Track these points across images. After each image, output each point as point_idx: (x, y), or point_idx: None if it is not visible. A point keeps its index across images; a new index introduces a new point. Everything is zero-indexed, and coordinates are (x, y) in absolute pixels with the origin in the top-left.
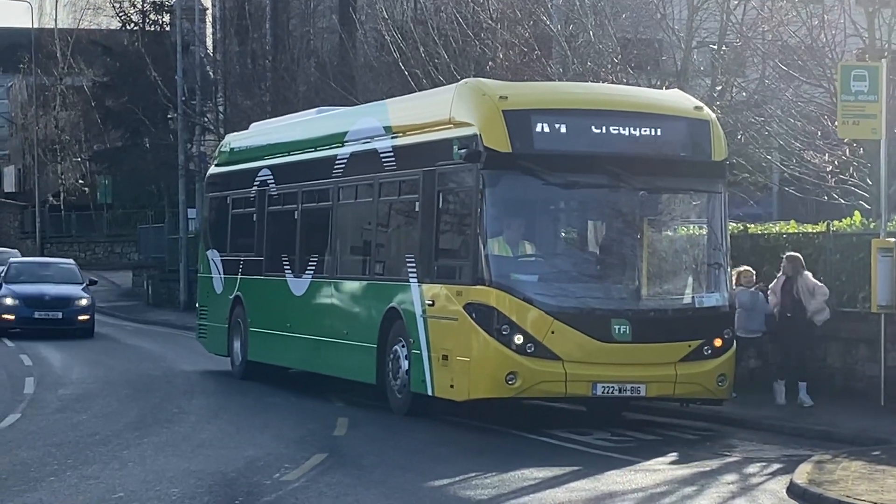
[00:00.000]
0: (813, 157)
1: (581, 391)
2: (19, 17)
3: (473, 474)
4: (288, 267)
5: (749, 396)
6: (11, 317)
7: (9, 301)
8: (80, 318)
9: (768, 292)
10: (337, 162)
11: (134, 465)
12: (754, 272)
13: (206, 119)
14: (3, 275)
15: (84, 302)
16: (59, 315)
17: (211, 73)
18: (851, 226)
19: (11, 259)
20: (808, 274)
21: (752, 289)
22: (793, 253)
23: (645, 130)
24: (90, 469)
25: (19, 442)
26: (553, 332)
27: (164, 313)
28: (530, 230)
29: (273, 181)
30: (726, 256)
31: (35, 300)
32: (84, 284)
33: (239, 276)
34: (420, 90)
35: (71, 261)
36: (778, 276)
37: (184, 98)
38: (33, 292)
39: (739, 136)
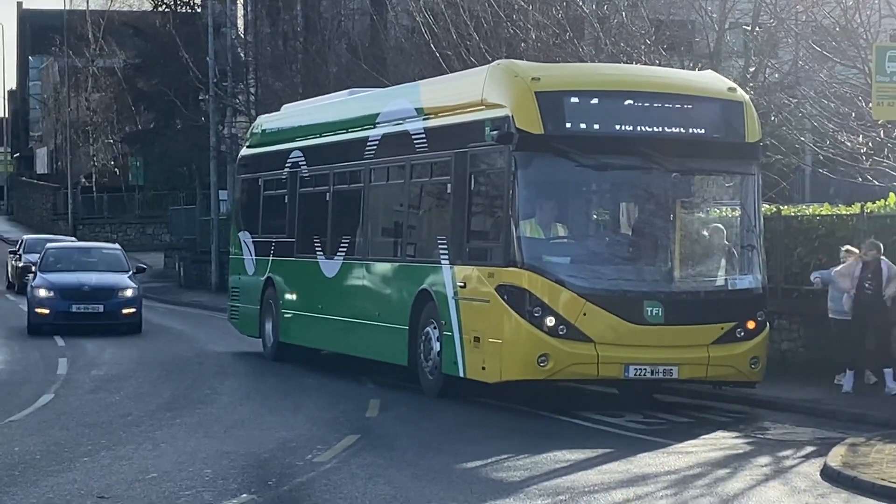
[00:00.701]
0: (847, 139)
1: (613, 373)
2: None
3: (505, 456)
4: (319, 248)
5: (782, 379)
6: (46, 311)
7: (42, 292)
8: (125, 311)
9: (834, 275)
10: (368, 144)
11: (167, 446)
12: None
13: (237, 101)
14: (38, 263)
15: (129, 293)
16: (101, 308)
17: (242, 55)
18: (886, 208)
19: (48, 244)
20: (886, 260)
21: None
22: (874, 240)
23: (678, 112)
24: (123, 450)
25: (52, 422)
26: (585, 315)
27: (196, 295)
28: (562, 212)
29: (305, 163)
30: (759, 238)
31: (73, 291)
32: (130, 272)
33: (270, 258)
34: (451, 72)
35: (116, 245)
36: (846, 260)
37: (215, 80)
38: (71, 282)
39: (773, 118)
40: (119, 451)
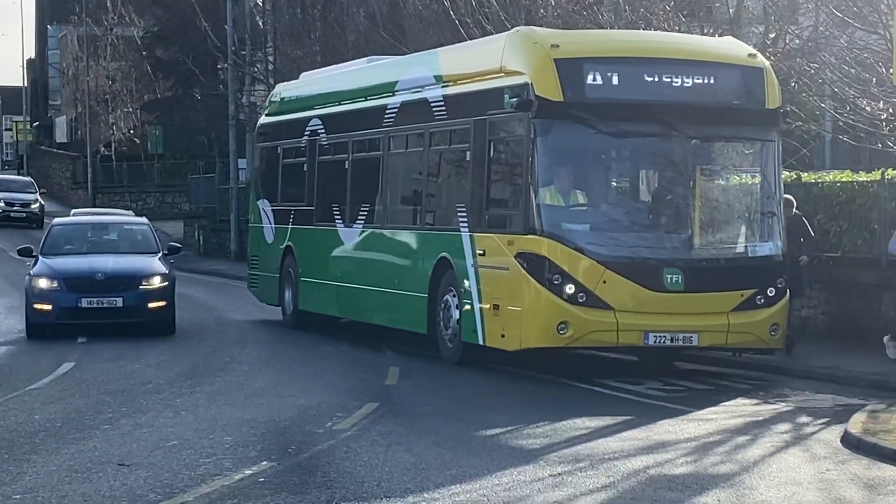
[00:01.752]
0: (867, 105)
1: (633, 341)
2: None
3: (525, 423)
4: (339, 216)
5: (802, 346)
6: (48, 306)
7: (43, 283)
8: (152, 304)
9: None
10: (388, 111)
11: (187, 414)
12: None
13: (255, 69)
14: (41, 243)
15: (157, 281)
16: (119, 302)
17: (261, 23)
18: None
19: (55, 220)
20: None
21: None
22: None
23: (698, 78)
24: (144, 417)
25: (73, 390)
26: (605, 282)
27: (216, 263)
28: (582, 179)
29: (323, 131)
30: (779, 205)
31: (82, 281)
32: (160, 254)
33: (290, 226)
34: (470, 39)
35: (143, 219)
36: None
37: (234, 48)
38: (80, 269)
39: (793, 84)
40: (139, 419)
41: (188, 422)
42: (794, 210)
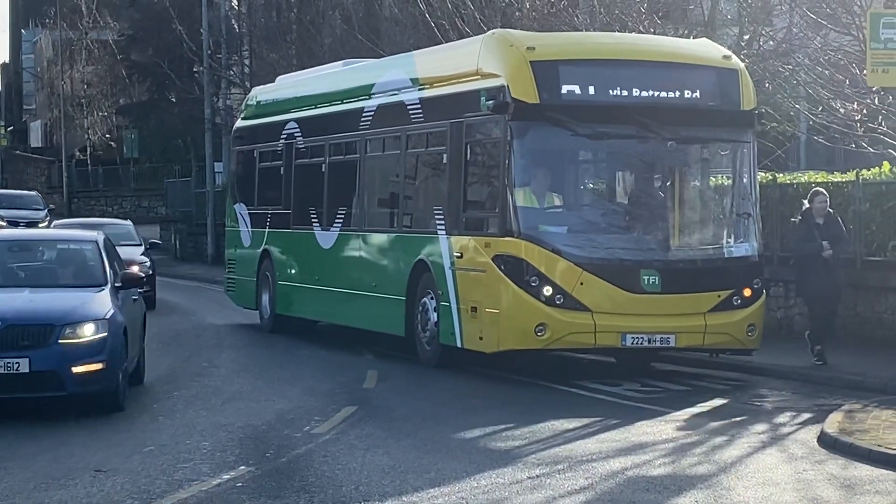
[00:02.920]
0: (841, 106)
1: (610, 342)
2: None
3: (503, 425)
4: (316, 220)
5: (778, 346)
6: None
7: None
8: (77, 369)
9: None
10: (364, 114)
11: (164, 419)
12: None
13: (231, 72)
14: None
15: (89, 332)
16: (24, 364)
17: (236, 27)
18: (881, 175)
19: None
20: None
21: None
22: None
23: (673, 80)
24: (121, 423)
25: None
26: (582, 284)
27: (192, 267)
28: (558, 181)
29: (300, 134)
30: (756, 206)
31: None
32: (109, 286)
33: (267, 230)
34: (447, 42)
35: (92, 236)
36: None
37: (209, 51)
38: None
39: (767, 86)
40: (116, 425)
41: (166, 427)
42: (828, 209)
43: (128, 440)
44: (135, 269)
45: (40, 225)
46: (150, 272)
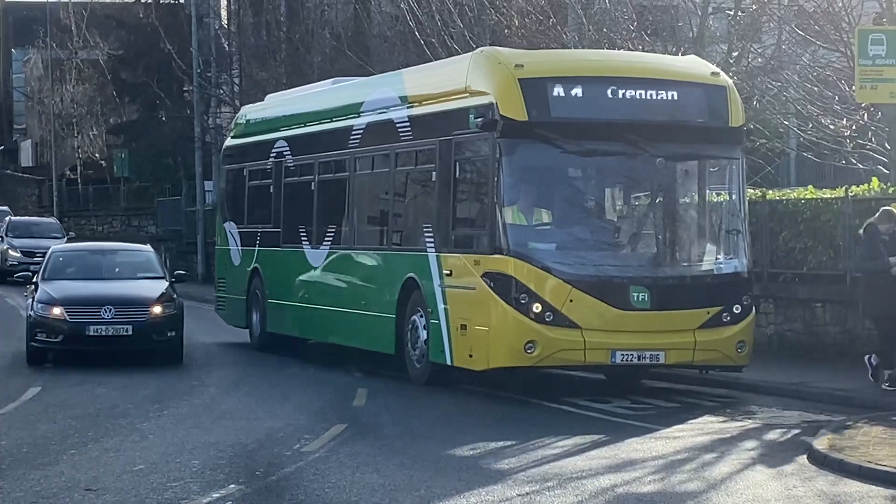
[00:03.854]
0: (830, 123)
1: (600, 359)
2: None
3: (493, 443)
4: (305, 238)
5: (768, 363)
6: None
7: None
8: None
9: None
10: (353, 132)
11: (154, 438)
12: None
13: (221, 91)
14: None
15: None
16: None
17: (226, 45)
18: (870, 191)
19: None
20: None
21: None
22: None
23: (662, 97)
24: (110, 441)
25: (40, 415)
26: (571, 301)
27: (183, 285)
28: (547, 198)
29: (289, 152)
30: (744, 223)
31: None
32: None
33: (256, 248)
34: (435, 60)
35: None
36: None
37: (199, 70)
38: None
39: (756, 102)
40: (106, 444)
41: (155, 445)
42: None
43: (117, 459)
44: (157, 310)
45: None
46: (176, 313)
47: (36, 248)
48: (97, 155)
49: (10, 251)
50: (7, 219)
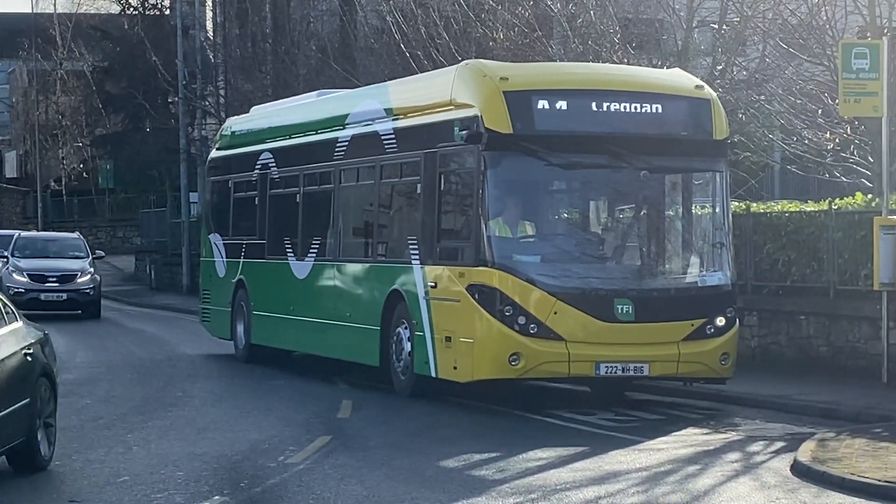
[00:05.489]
0: (814, 136)
1: (584, 371)
2: (18, 3)
3: (478, 455)
4: (290, 250)
5: (752, 375)
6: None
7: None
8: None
9: None
10: (338, 144)
11: (139, 449)
12: None
13: (206, 103)
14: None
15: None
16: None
17: (211, 57)
18: (854, 204)
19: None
20: None
21: None
22: None
23: (646, 110)
24: (95, 453)
25: None
26: (556, 313)
27: (168, 297)
28: (532, 211)
29: (275, 164)
30: (728, 235)
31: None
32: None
33: (241, 260)
34: (421, 72)
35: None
36: None
37: (184, 82)
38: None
39: (740, 115)
40: (90, 455)
41: (140, 457)
42: None
43: (102, 471)
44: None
45: (79, 280)
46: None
47: (49, 272)
48: (82, 166)
49: (13, 275)
50: (16, 234)
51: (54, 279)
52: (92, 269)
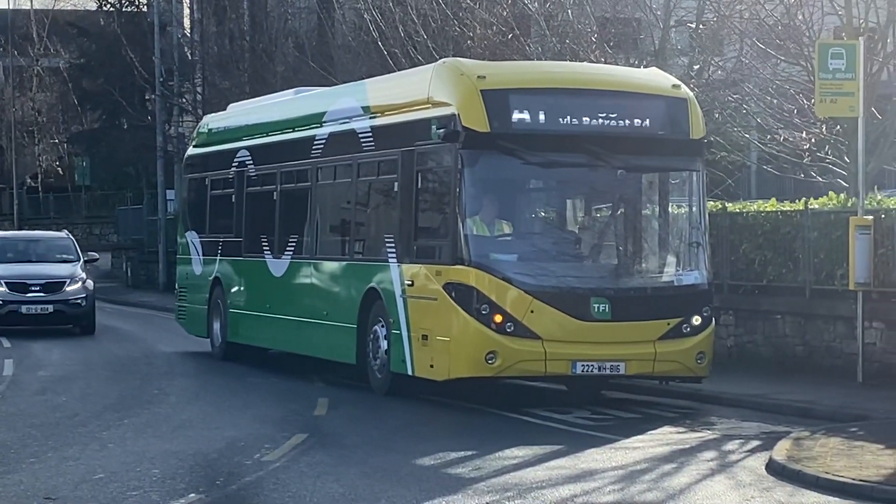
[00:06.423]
0: (790, 136)
1: (561, 370)
2: None
3: (454, 453)
4: (267, 248)
5: (728, 374)
6: None
7: None
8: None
9: None
10: (315, 142)
11: (114, 447)
12: None
13: (183, 100)
14: None
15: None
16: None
17: (189, 54)
18: (829, 204)
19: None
20: None
21: None
22: None
23: (623, 109)
24: (70, 450)
25: None
26: (532, 312)
27: (144, 295)
28: (509, 210)
29: (252, 162)
30: (705, 235)
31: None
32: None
33: (218, 258)
34: (399, 70)
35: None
36: None
37: (161, 79)
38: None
39: (717, 115)
40: (66, 452)
41: (115, 454)
42: None
43: (77, 468)
44: (76, 287)
45: (68, 289)
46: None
47: (31, 280)
48: (58, 163)
49: None
50: None
51: (38, 288)
52: (83, 275)
